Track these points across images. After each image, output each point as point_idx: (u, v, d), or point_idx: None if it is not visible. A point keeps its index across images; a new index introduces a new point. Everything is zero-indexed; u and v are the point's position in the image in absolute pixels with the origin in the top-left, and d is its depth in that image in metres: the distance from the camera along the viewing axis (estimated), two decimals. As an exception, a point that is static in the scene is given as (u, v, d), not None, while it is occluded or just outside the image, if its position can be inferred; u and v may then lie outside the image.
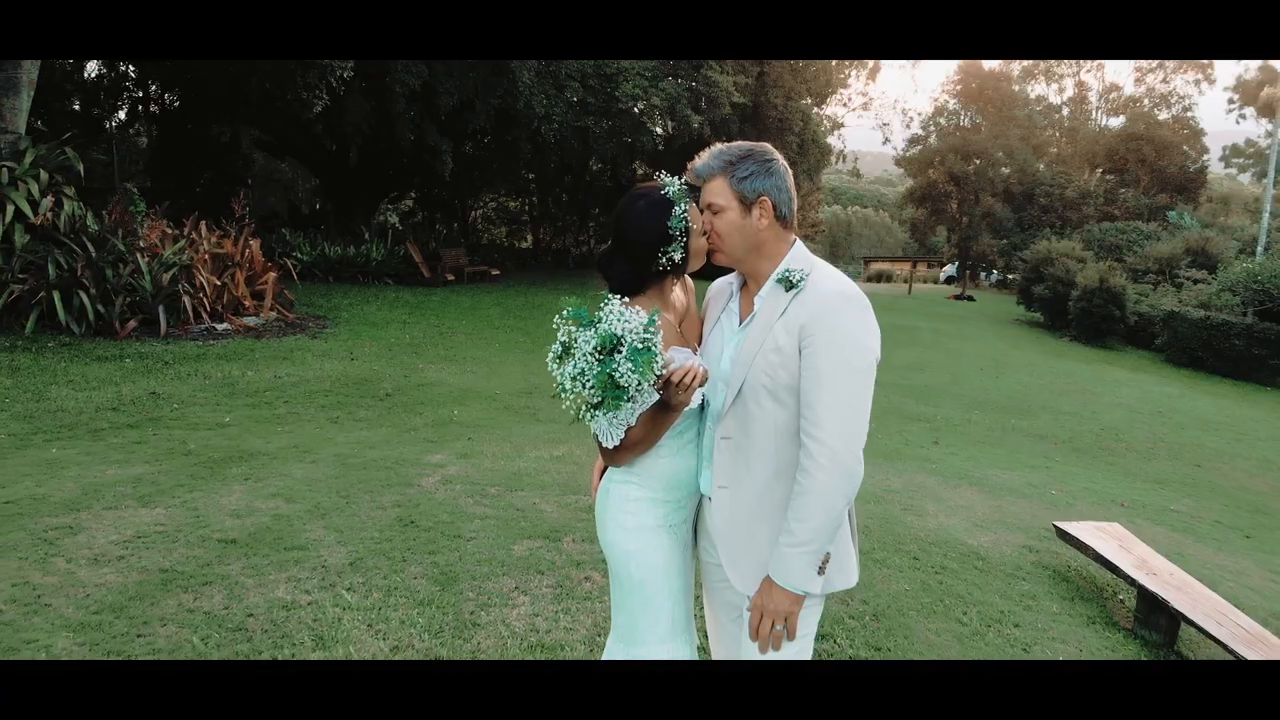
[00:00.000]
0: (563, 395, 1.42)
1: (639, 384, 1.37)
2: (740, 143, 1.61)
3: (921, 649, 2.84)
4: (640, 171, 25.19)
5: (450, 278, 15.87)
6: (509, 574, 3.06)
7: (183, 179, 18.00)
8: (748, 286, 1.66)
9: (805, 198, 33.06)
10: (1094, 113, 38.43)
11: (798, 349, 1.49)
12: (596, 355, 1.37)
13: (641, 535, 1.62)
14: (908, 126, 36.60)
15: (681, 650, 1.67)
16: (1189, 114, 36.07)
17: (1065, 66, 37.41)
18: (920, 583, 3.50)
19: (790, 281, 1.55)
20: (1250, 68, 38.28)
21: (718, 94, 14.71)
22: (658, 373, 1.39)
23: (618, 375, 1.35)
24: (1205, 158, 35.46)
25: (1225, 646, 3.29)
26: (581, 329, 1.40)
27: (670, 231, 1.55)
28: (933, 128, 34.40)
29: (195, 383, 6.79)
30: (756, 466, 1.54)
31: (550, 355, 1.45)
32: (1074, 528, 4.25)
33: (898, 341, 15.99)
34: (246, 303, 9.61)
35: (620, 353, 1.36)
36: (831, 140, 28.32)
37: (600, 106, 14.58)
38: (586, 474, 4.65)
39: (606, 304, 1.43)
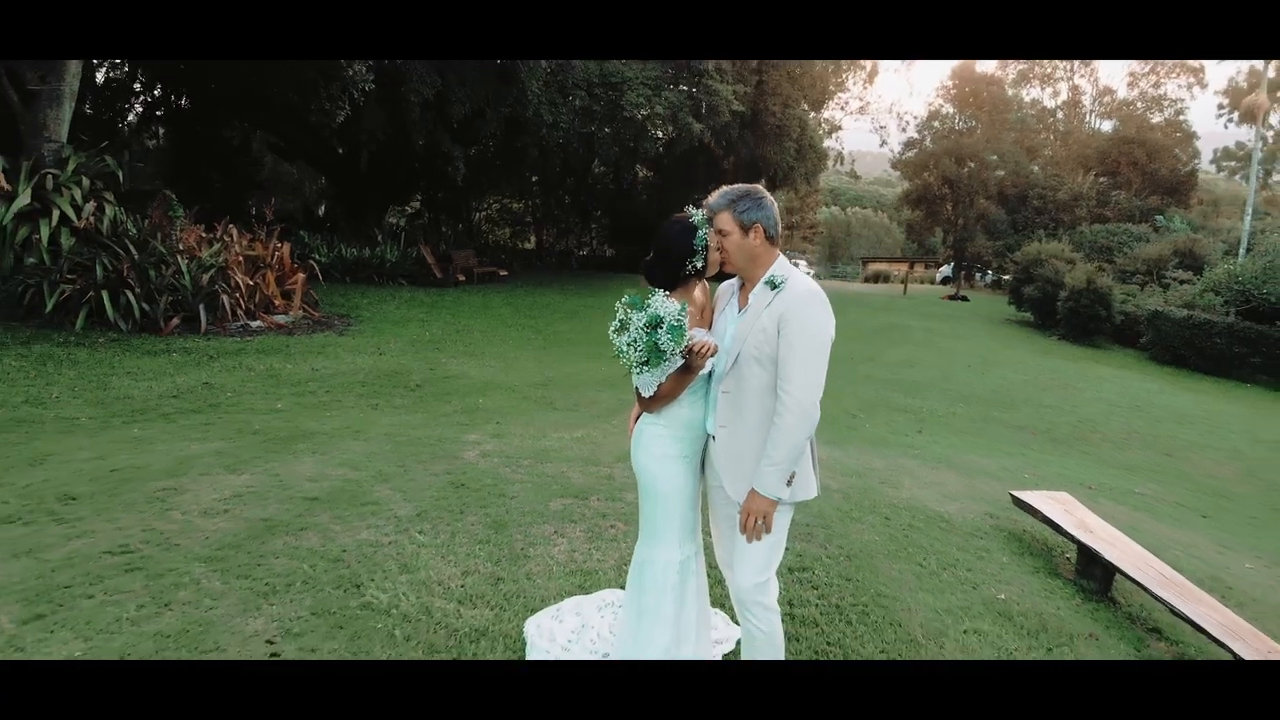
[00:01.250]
0: (620, 356, 2.08)
1: (673, 350, 2.03)
2: (740, 185, 2.26)
3: (884, 581, 3.49)
4: (641, 174, 25.86)
5: (461, 278, 16.51)
6: (548, 522, 3.71)
7: (194, 181, 18.59)
8: (745, 286, 2.31)
9: (804, 199, 33.69)
10: (1088, 116, 39.07)
11: (777, 330, 2.14)
12: (645, 329, 2.02)
13: (665, 462, 2.28)
14: (903, 130, 37.21)
15: (687, 546, 2.33)
16: (1181, 117, 36.76)
17: (1060, 71, 38.07)
18: (889, 536, 4.14)
19: (774, 283, 2.20)
20: (1241, 70, 38.98)
21: (718, 102, 15.37)
22: (685, 343, 2.04)
23: (660, 343, 2.01)
24: (1196, 161, 36.14)
25: (1144, 588, 3.94)
26: (635, 311, 2.06)
27: (695, 247, 2.21)
28: (928, 132, 35.05)
29: (241, 374, 7.43)
30: (747, 413, 2.19)
31: (611, 329, 2.10)
32: (1027, 495, 4.90)
33: (891, 340, 16.62)
34: (277, 302, 10.26)
35: (661, 328, 2.01)
36: (830, 143, 28.99)
37: (605, 114, 15.23)
38: (604, 451, 5.29)
39: (654, 295, 2.08)
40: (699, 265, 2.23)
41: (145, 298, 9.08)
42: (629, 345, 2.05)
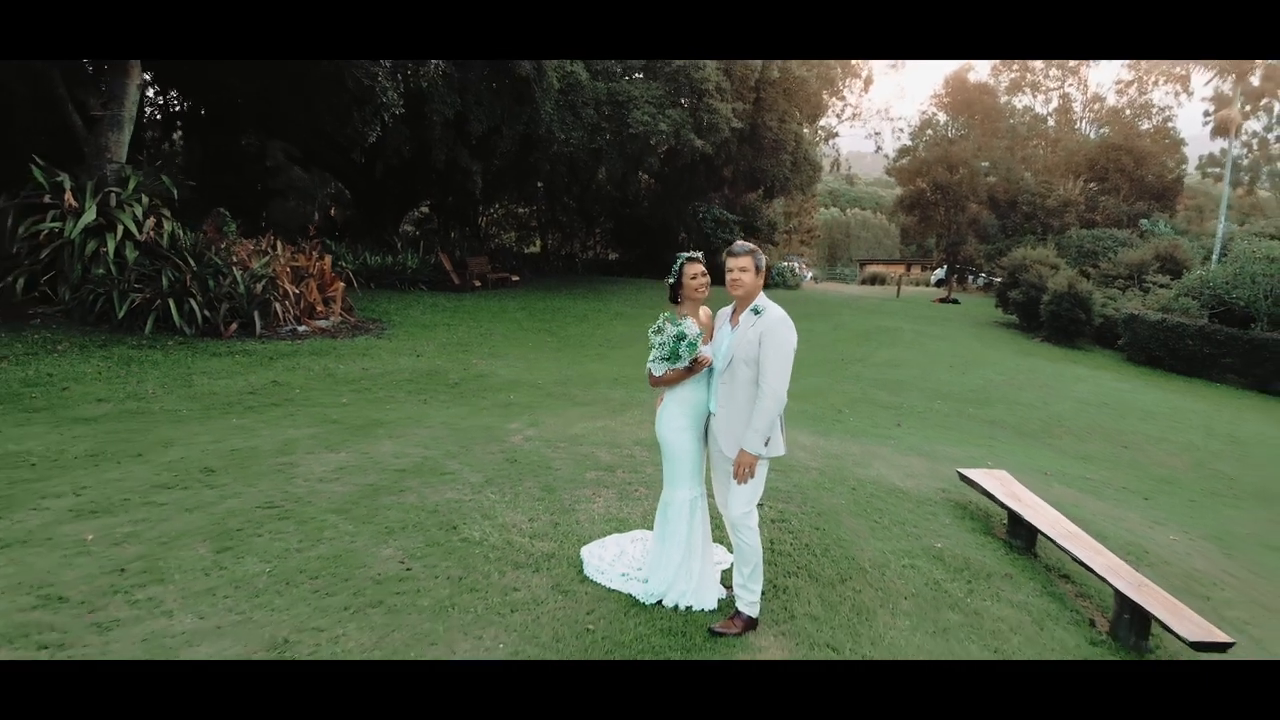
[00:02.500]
0: (651, 349, 3.16)
1: (686, 358, 3.11)
2: (752, 244, 3.34)
3: (845, 531, 4.56)
4: (644, 178, 26.95)
5: (477, 284, 17.59)
6: (587, 487, 4.79)
7: (214, 189, 19.46)
8: (736, 310, 3.38)
9: (801, 205, 34.77)
10: (1078, 123, 40.14)
11: (758, 342, 3.21)
12: (674, 339, 3.10)
13: (678, 432, 3.36)
14: (897, 138, 38.37)
15: (696, 489, 3.40)
16: (1169, 124, 37.88)
17: (1050, 80, 39.15)
18: (853, 501, 5.22)
19: (757, 310, 3.28)
20: (1228, 76, 40.01)
21: (718, 120, 16.47)
22: (694, 356, 3.13)
23: (679, 350, 3.09)
24: (1184, 167, 37.24)
25: (1051, 540, 5.01)
26: (671, 324, 3.14)
27: (673, 269, 3.31)
28: (921, 140, 36.16)
29: (302, 374, 8.50)
30: (737, 397, 3.26)
31: (651, 330, 3.18)
32: (970, 472, 5.97)
33: (880, 342, 17.65)
34: (319, 308, 11.34)
35: (684, 341, 3.09)
36: (825, 149, 30.10)
37: (613, 131, 16.32)
38: (624, 437, 6.36)
39: (685, 318, 3.17)
40: (671, 282, 3.37)
41: (206, 305, 10.16)
42: (660, 345, 3.15)
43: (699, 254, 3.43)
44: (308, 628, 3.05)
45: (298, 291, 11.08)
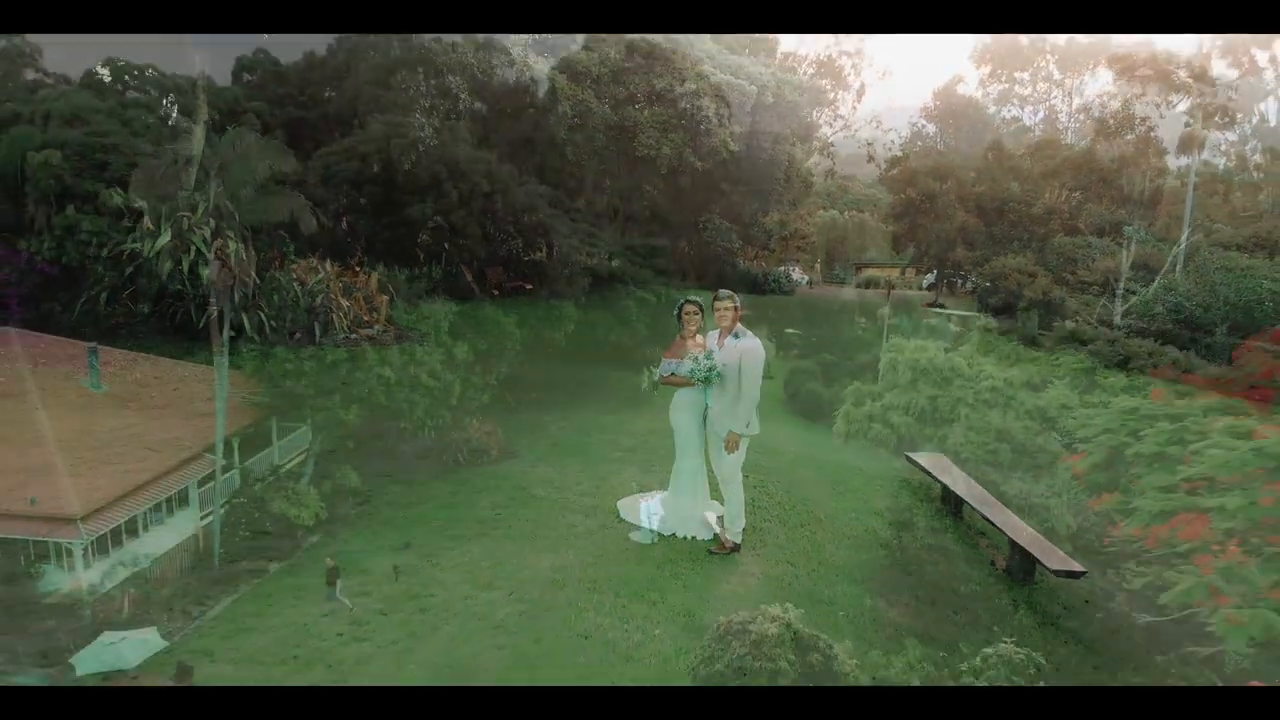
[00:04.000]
0: (693, 372, 4.73)
1: (714, 382, 4.68)
2: (730, 290, 4.91)
3: (810, 494, 6.13)
4: (647, 190, 28.49)
5: (495, 292, 19.11)
6: (615, 462, 6.38)
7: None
8: (722, 334, 4.95)
9: (797, 214, 36.36)
10: (1064, 134, 41.65)
11: (740, 358, 4.78)
12: (707, 370, 4.66)
13: (687, 419, 4.95)
14: (888, 149, 39.87)
15: (698, 458, 4.97)
16: (1152, 134, 39.41)
17: (1037, 93, 40.69)
18: (819, 475, 6.80)
19: (737, 336, 4.85)
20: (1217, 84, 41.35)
21: (716, 144, 18.05)
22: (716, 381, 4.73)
23: (710, 377, 4.66)
24: (1164, 176, 38.75)
25: (970, 504, 6.57)
26: (705, 360, 4.69)
27: (677, 306, 4.87)
28: (911, 151, 37.72)
29: (364, 375, 9.98)
30: (727, 395, 4.84)
31: (688, 358, 4.72)
32: (915, 455, 7.53)
33: (867, 345, 19.20)
34: (366, 318, 12.88)
35: (714, 371, 4.65)
36: (819, 159, 31.65)
37: (620, 152, 17.89)
38: (638, 428, 7.93)
39: (714, 356, 4.73)
40: (674, 313, 4.90)
41: (273, 316, 11.69)
42: (694, 370, 4.70)
43: (696, 298, 5.01)
44: (442, 548, 4.63)
45: (347, 304, 12.61)
